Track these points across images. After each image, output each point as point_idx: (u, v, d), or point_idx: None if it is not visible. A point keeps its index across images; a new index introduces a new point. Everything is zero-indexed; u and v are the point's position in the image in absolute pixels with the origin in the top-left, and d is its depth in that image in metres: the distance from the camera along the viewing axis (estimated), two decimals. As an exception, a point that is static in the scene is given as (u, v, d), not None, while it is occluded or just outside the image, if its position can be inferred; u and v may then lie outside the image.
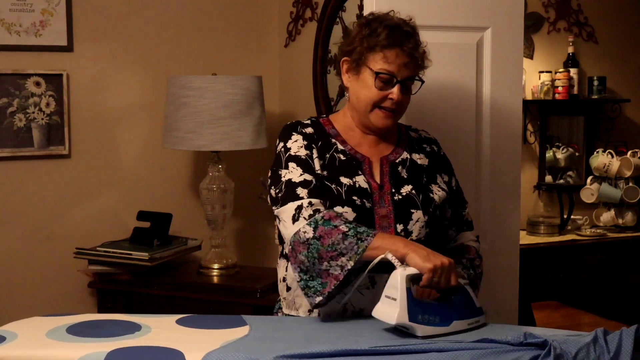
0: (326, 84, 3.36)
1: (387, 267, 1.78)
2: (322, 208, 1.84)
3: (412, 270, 1.68)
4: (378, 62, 1.88)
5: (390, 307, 1.65)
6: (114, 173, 3.45)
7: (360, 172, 1.92)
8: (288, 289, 1.96)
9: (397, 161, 1.98)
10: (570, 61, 4.34)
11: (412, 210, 1.90)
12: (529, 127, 4.34)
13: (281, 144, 1.96)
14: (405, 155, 2.00)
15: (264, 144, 3.17)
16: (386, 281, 1.73)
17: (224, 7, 3.60)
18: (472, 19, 2.50)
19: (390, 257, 1.70)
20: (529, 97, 4.28)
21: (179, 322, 1.79)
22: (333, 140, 1.97)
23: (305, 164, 1.90)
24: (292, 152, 1.92)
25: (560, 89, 4.26)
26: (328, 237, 1.76)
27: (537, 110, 4.35)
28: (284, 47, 3.67)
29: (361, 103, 1.93)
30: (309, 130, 1.97)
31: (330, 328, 1.75)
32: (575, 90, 4.32)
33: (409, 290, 1.65)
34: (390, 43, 1.87)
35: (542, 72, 4.27)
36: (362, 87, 1.92)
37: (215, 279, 3.16)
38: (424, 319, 1.65)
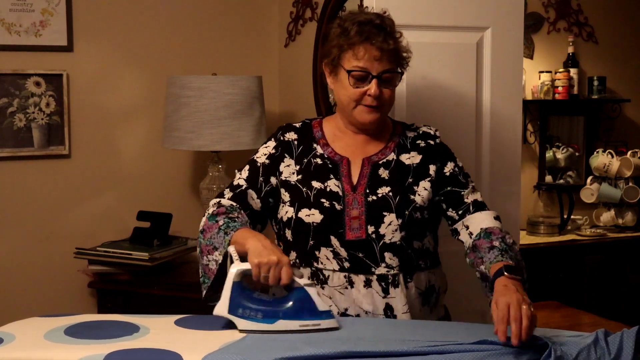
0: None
1: (363, 268, 1.87)
2: (227, 206, 1.91)
3: (247, 266, 1.71)
4: (350, 60, 1.88)
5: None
6: (114, 173, 3.45)
7: (332, 176, 1.92)
8: None
9: (380, 162, 1.95)
10: (570, 61, 4.34)
11: (385, 213, 1.87)
12: (529, 127, 4.34)
13: (265, 143, 2.05)
14: (391, 156, 1.97)
15: (264, 144, 3.17)
16: (363, 281, 1.86)
17: (224, 7, 3.60)
18: (472, 19, 2.50)
19: (231, 250, 1.75)
20: (529, 97, 4.28)
21: (177, 322, 1.79)
22: (314, 145, 1.98)
23: (254, 171, 1.98)
24: (255, 156, 2.01)
25: (560, 89, 4.26)
26: (209, 231, 1.86)
27: (537, 110, 4.35)
28: (284, 47, 3.67)
29: (343, 103, 1.94)
30: (291, 136, 2.01)
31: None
32: (575, 90, 4.33)
33: (236, 284, 1.70)
34: (359, 40, 1.86)
35: (542, 72, 4.27)
36: (341, 88, 1.93)
37: (215, 279, 3.16)
38: (244, 313, 1.69)
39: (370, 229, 1.87)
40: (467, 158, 2.52)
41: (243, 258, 1.74)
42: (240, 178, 1.98)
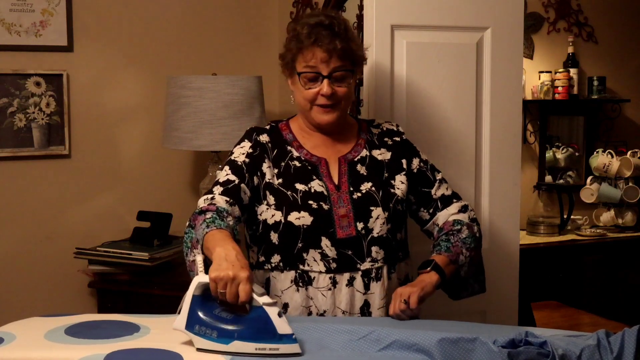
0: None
1: (349, 265, 1.88)
2: (220, 201, 1.84)
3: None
4: (301, 63, 1.92)
5: None
6: (114, 173, 3.45)
7: (315, 177, 1.94)
8: None
9: (355, 159, 1.99)
10: (570, 61, 4.34)
11: (372, 208, 1.92)
12: (529, 127, 4.34)
13: (233, 148, 2.01)
14: (364, 152, 2.01)
15: (264, 144, 3.17)
16: (347, 279, 1.87)
17: (224, 8, 3.60)
18: (472, 19, 2.50)
19: (199, 260, 1.64)
20: (529, 97, 4.28)
21: (178, 322, 1.78)
22: (288, 147, 2.00)
23: (237, 169, 1.93)
24: (232, 157, 1.98)
25: (560, 89, 4.26)
26: (198, 225, 1.77)
27: (537, 110, 4.35)
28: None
29: (300, 105, 1.98)
30: (265, 138, 2.00)
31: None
32: (575, 90, 4.33)
33: (196, 297, 1.57)
34: (308, 43, 1.90)
35: (542, 72, 4.27)
36: (297, 90, 1.97)
37: (215, 279, 3.16)
38: (200, 330, 1.55)
39: (360, 225, 1.90)
40: (467, 158, 2.53)
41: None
42: (228, 175, 1.92)
